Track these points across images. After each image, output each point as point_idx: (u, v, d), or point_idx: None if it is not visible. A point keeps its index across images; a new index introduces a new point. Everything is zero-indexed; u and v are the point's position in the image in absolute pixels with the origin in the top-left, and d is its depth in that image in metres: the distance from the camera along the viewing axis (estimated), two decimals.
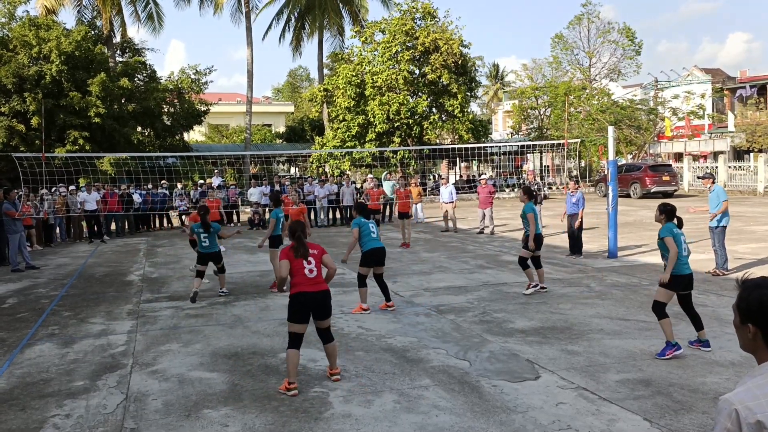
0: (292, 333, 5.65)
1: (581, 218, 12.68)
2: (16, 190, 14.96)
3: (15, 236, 13.45)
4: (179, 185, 23.00)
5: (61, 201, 18.84)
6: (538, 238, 9.51)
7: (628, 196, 28.94)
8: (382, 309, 8.62)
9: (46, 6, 29.16)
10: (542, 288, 9.55)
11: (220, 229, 9.97)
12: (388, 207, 21.95)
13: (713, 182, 10.75)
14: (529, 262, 9.51)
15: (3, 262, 14.06)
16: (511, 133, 45.51)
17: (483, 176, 19.51)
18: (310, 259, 5.78)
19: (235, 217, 23.04)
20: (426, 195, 28.05)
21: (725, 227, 10.55)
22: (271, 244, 10.36)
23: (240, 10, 35.66)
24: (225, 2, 34.86)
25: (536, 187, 17.06)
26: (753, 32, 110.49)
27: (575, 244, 12.79)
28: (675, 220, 6.52)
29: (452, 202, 18.19)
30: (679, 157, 40.23)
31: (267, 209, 21.28)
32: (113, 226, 20.68)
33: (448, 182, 19.17)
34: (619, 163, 27.12)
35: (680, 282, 6.36)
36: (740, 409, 1.84)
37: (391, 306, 8.68)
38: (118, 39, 32.06)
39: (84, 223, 19.43)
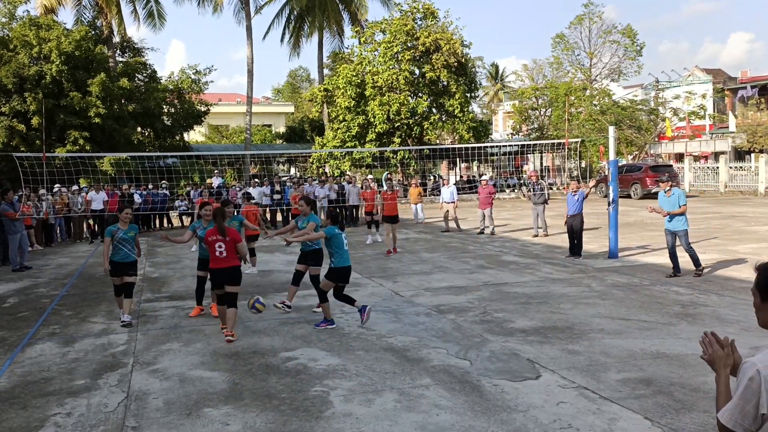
0: (215, 295, 7.56)
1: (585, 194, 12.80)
2: (12, 191, 14.89)
3: (15, 236, 13.45)
4: (194, 189, 22.88)
5: (62, 202, 18.85)
6: (316, 254, 8.54)
7: (628, 196, 28.94)
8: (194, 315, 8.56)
9: (45, 5, 29.18)
10: (288, 306, 8.38)
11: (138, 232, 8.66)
12: None
13: (671, 186, 10.61)
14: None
15: (4, 262, 14.07)
16: (512, 134, 45.50)
17: (483, 177, 19.43)
18: (220, 244, 7.20)
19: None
20: (426, 195, 28.04)
21: (687, 230, 10.49)
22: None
23: (241, 8, 35.75)
24: (225, 1, 34.96)
25: (539, 188, 16.91)
26: (755, 32, 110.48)
27: (575, 245, 12.77)
28: (338, 225, 7.80)
29: (453, 202, 18.20)
30: (680, 157, 40.23)
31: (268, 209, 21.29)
32: None
33: (449, 183, 19.16)
34: (620, 164, 27.11)
35: (343, 272, 7.64)
36: (761, 368, 2.02)
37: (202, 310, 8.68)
38: (117, 39, 32.07)
39: (91, 222, 19.47)
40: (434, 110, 34.65)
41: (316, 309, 8.50)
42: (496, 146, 38.96)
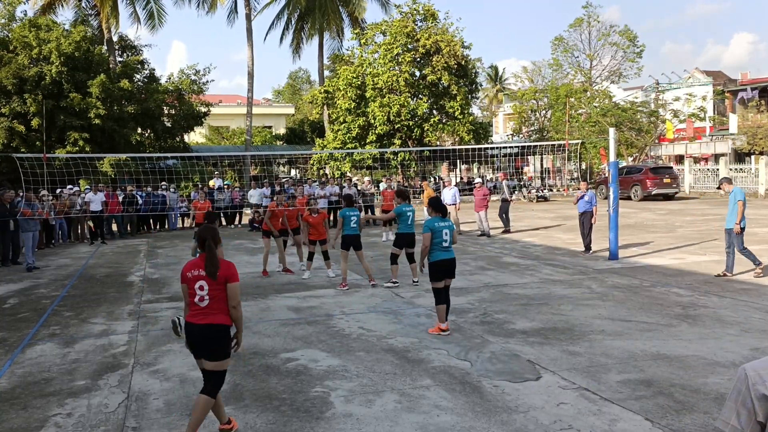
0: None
1: (596, 214, 13.42)
2: (9, 192, 14.86)
3: (28, 234, 13.66)
4: (195, 191, 22.78)
5: (68, 203, 18.81)
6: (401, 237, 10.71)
7: (629, 198, 28.94)
8: None
9: (43, 5, 29.19)
10: (415, 281, 10.60)
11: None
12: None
13: (730, 183, 10.75)
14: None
15: (5, 263, 14.08)
16: (512, 136, 45.51)
17: (477, 180, 19.46)
18: (202, 284, 4.38)
19: (237, 217, 23.11)
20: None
21: (731, 230, 10.45)
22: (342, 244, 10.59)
23: (235, 10, 35.86)
24: (223, 2, 34.98)
25: (513, 186, 17.11)
26: (758, 33, 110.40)
27: (587, 242, 13.47)
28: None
29: (455, 204, 18.15)
30: (680, 159, 40.24)
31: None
32: (114, 227, 20.68)
33: (451, 184, 19.10)
34: (620, 166, 27.11)
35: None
36: (751, 375, 1.92)
37: None
38: (115, 38, 32.07)
39: (91, 223, 19.43)
40: (434, 112, 34.68)
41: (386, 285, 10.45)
42: (497, 148, 38.97)
